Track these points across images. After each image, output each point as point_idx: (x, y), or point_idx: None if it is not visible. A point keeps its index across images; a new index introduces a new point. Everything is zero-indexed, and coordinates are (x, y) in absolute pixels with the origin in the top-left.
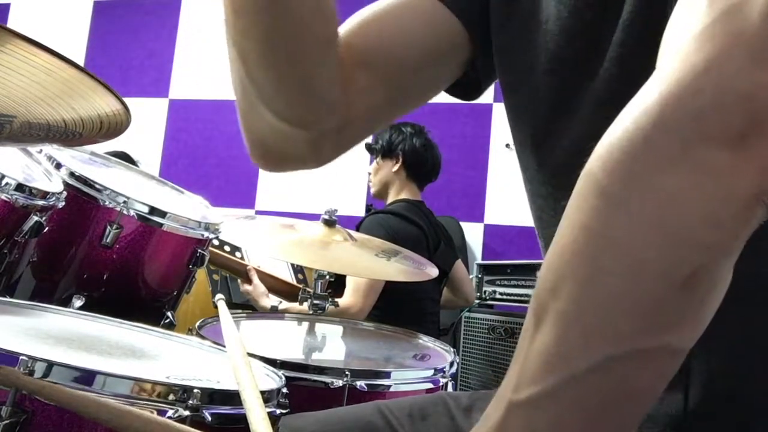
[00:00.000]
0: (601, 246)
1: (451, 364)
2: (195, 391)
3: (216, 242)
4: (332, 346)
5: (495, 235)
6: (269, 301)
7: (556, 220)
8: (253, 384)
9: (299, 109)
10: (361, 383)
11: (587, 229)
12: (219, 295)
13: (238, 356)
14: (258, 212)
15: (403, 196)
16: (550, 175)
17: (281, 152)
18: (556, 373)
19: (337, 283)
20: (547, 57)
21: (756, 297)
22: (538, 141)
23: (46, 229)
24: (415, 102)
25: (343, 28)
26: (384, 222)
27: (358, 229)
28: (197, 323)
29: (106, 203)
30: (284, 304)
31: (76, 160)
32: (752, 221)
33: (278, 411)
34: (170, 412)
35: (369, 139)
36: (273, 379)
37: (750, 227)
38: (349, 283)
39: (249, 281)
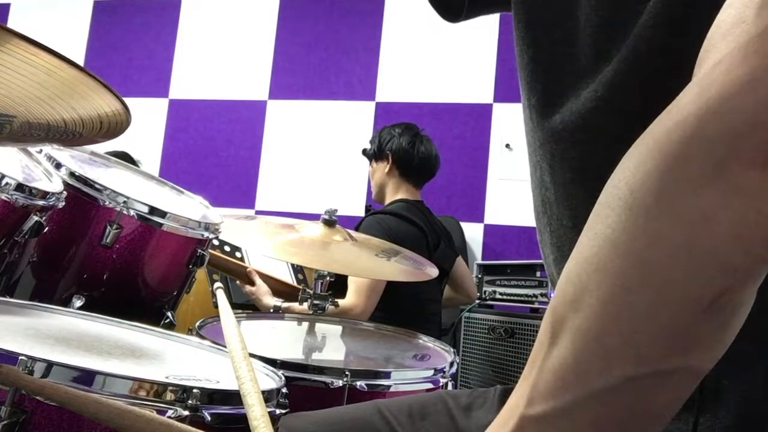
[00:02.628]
0: (626, 263)
1: (451, 364)
2: (194, 391)
3: (216, 242)
4: (332, 346)
5: (495, 235)
6: (273, 300)
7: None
8: (252, 374)
9: None
10: (360, 383)
11: (612, 244)
12: (218, 284)
13: (236, 343)
14: (258, 212)
15: (401, 196)
16: (554, 142)
17: None
18: (572, 391)
19: (337, 284)
20: (566, 28)
21: None
22: (533, 105)
23: (46, 229)
24: None
25: None
26: (383, 222)
27: (357, 230)
28: (197, 323)
29: (106, 203)
30: (285, 304)
31: (76, 160)
32: None
33: (278, 411)
34: (169, 413)
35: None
36: (273, 379)
37: None
38: (351, 284)
39: (250, 283)
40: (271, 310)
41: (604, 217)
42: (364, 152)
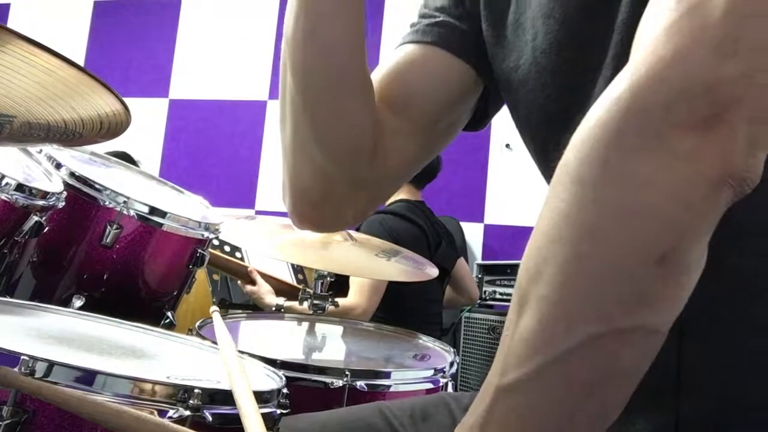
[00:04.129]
0: (579, 231)
1: (451, 364)
2: (196, 391)
3: (216, 242)
4: (332, 346)
5: (495, 235)
6: (275, 298)
7: None
8: (252, 402)
9: (342, 145)
10: (361, 383)
11: (565, 216)
12: (214, 308)
13: (234, 369)
14: (258, 212)
15: (402, 196)
16: None
17: (321, 199)
18: (540, 356)
19: (338, 284)
20: (538, 72)
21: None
22: (541, 151)
23: (46, 229)
24: (441, 145)
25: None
26: (384, 222)
27: (358, 230)
28: (197, 323)
29: (106, 203)
30: (288, 303)
31: (76, 160)
32: (719, 203)
33: (278, 411)
34: (171, 412)
35: None
36: (273, 379)
37: (718, 209)
38: (353, 283)
39: (251, 282)
40: (274, 309)
41: (557, 193)
42: None
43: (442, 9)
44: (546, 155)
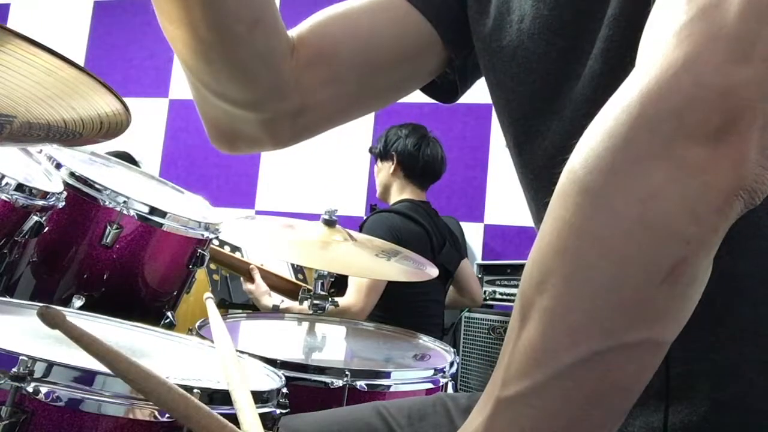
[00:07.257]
0: (585, 242)
1: (451, 364)
2: (195, 391)
3: (216, 242)
4: (332, 346)
5: (495, 235)
6: (271, 299)
7: (540, 218)
8: (245, 386)
9: (239, 92)
10: (361, 383)
11: (570, 226)
12: (207, 294)
13: (227, 355)
14: (258, 212)
15: (406, 196)
16: (533, 177)
17: (235, 134)
18: (543, 369)
19: (338, 283)
20: (524, 57)
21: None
22: (520, 141)
23: (46, 229)
24: (385, 99)
25: (312, 20)
26: (387, 221)
27: (361, 229)
28: (197, 323)
29: (106, 203)
30: (286, 303)
31: (76, 160)
32: (730, 215)
33: (278, 411)
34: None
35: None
36: (273, 379)
37: (728, 221)
38: (351, 282)
39: (251, 280)
40: (271, 310)
41: (561, 202)
42: (371, 150)
43: None
44: (525, 143)
